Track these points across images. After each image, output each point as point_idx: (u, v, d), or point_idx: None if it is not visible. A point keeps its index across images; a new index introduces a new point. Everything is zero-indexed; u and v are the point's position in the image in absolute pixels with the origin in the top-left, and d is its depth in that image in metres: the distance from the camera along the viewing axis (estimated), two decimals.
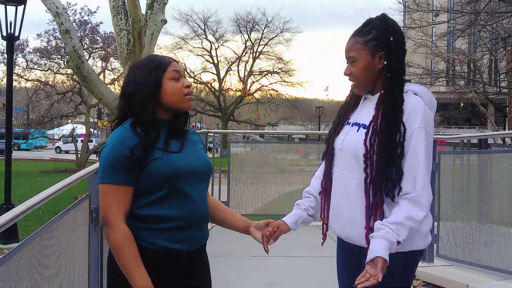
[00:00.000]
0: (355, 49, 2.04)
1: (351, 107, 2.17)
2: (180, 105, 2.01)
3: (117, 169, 1.88)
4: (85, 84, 8.53)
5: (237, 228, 2.25)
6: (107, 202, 1.89)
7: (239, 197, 7.47)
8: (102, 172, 1.91)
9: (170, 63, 2.01)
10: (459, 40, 20.98)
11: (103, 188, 1.91)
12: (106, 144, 1.95)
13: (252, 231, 2.19)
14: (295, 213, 2.25)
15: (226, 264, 5.25)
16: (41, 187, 12.41)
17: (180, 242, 1.94)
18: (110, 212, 1.88)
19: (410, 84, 2.07)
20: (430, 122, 1.99)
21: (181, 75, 2.03)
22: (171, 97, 1.98)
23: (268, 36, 42.99)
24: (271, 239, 2.15)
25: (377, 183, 1.94)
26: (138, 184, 1.91)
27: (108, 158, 1.90)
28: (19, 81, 27.38)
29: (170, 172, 1.91)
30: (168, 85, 1.98)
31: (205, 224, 2.07)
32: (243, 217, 2.29)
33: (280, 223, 2.20)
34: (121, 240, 1.87)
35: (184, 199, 1.95)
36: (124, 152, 1.88)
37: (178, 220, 1.94)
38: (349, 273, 2.17)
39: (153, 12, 8.43)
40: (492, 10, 13.65)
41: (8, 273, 1.85)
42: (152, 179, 1.90)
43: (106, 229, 1.90)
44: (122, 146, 1.89)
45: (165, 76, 1.98)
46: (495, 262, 4.63)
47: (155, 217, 1.92)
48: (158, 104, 1.97)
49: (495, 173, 4.94)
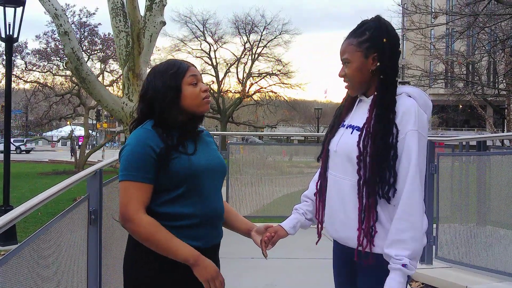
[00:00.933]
0: (348, 50, 2.04)
1: (346, 109, 2.18)
2: (199, 108, 2.06)
3: (137, 167, 1.91)
4: (83, 86, 8.52)
5: (239, 230, 2.29)
6: (127, 198, 1.91)
7: (238, 199, 7.47)
8: (122, 170, 1.94)
9: (189, 68, 2.06)
10: (458, 42, 21.03)
11: (124, 185, 1.93)
12: (126, 144, 1.98)
13: (253, 235, 2.24)
14: (293, 218, 2.27)
15: (226, 265, 5.21)
16: (39, 188, 12.40)
17: (197, 240, 1.97)
18: (130, 207, 1.90)
19: (405, 86, 2.07)
20: (424, 124, 1.98)
21: (199, 79, 2.07)
22: (190, 102, 2.03)
23: (267, 38, 43.11)
24: (269, 244, 2.18)
25: (370, 185, 1.94)
26: (157, 182, 1.95)
27: (129, 156, 1.94)
28: (18, 83, 27.37)
29: (188, 170, 1.95)
30: (187, 90, 2.02)
31: (220, 222, 2.12)
32: (245, 220, 2.32)
33: (278, 228, 2.22)
34: (148, 229, 1.89)
35: (201, 197, 1.99)
36: (145, 151, 1.92)
37: (195, 217, 1.97)
38: (345, 275, 2.17)
39: (152, 14, 8.43)
40: (491, 12, 13.69)
41: (6, 274, 1.85)
42: (172, 177, 1.94)
43: (129, 226, 1.92)
44: (143, 145, 1.93)
45: (184, 81, 2.03)
46: (494, 264, 4.63)
47: (173, 215, 1.95)
48: (178, 109, 2.02)
49: (493, 175, 4.94)
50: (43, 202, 2.36)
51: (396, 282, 1.89)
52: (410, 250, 1.88)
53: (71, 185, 2.80)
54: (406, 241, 1.89)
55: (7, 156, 8.51)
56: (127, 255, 2.04)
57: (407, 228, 1.89)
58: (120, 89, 22.35)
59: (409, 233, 1.89)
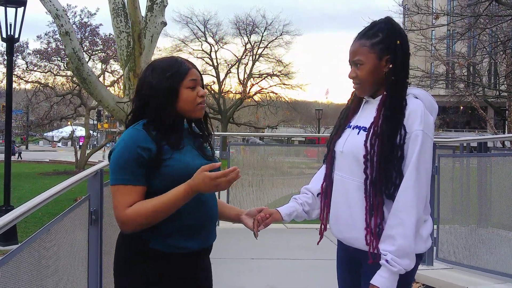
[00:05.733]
0: (361, 52, 2.02)
1: (352, 110, 2.17)
2: (191, 114, 2.02)
3: (127, 170, 1.87)
4: (84, 86, 8.53)
5: (228, 217, 2.24)
6: (117, 203, 1.89)
7: (238, 199, 7.47)
8: (112, 173, 1.91)
9: (189, 70, 1.99)
10: (459, 43, 21.01)
11: (114, 189, 1.90)
12: (116, 146, 1.94)
13: (244, 218, 2.17)
14: (290, 206, 2.25)
15: (226, 265, 5.24)
16: (40, 189, 12.41)
17: (189, 241, 1.95)
18: (122, 213, 1.87)
19: (412, 88, 2.06)
20: (430, 125, 1.98)
21: (198, 83, 2.01)
22: (184, 105, 1.98)
23: (267, 39, 43.17)
24: (261, 225, 2.12)
25: (377, 185, 1.94)
26: (151, 184, 1.91)
27: (118, 160, 1.90)
28: (19, 83, 27.41)
29: (183, 173, 1.91)
30: (184, 93, 1.97)
31: (214, 224, 2.08)
32: (234, 207, 2.31)
33: (274, 211, 2.19)
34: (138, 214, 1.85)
35: (196, 198, 1.94)
36: (134, 153, 1.87)
37: (189, 219, 1.94)
38: (349, 276, 2.17)
39: (153, 14, 8.43)
40: (492, 13, 13.68)
41: (7, 275, 1.85)
42: (165, 179, 1.90)
43: (124, 228, 1.90)
44: (132, 147, 1.88)
45: (183, 84, 1.97)
46: (495, 265, 4.63)
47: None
48: (173, 111, 1.97)
49: (494, 176, 4.93)
50: (44, 202, 2.35)
51: (379, 276, 1.90)
52: (395, 246, 1.88)
53: (72, 185, 2.79)
54: (393, 236, 1.89)
55: (7, 156, 8.51)
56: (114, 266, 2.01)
57: (396, 224, 1.90)
58: (121, 90, 22.36)
59: (397, 229, 1.89)
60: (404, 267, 1.89)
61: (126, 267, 1.95)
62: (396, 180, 1.92)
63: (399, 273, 1.89)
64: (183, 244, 1.93)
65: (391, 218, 1.91)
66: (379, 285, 1.89)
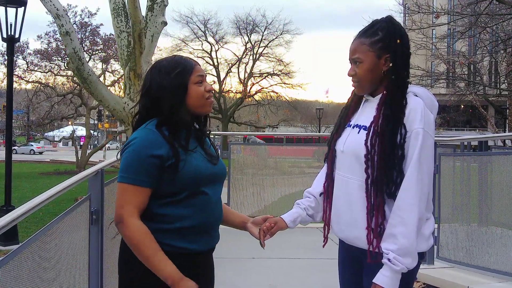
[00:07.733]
0: (360, 50, 2.02)
1: (352, 109, 2.17)
2: (202, 109, 2.03)
3: (138, 170, 1.88)
4: (85, 86, 8.52)
5: (233, 223, 2.26)
6: (123, 201, 1.89)
7: (239, 199, 7.46)
8: (122, 171, 1.91)
9: (195, 66, 2.02)
10: (459, 42, 20.98)
11: (121, 187, 1.90)
12: (129, 144, 1.93)
13: (249, 227, 2.21)
14: (294, 212, 2.25)
15: (227, 265, 5.24)
16: (41, 188, 12.42)
17: (193, 242, 1.95)
18: (124, 210, 1.87)
19: (412, 86, 2.06)
20: (430, 123, 1.97)
21: (204, 79, 2.03)
22: (194, 101, 1.99)
23: (268, 38, 43.13)
24: (267, 234, 2.16)
25: (378, 184, 1.94)
26: (159, 186, 1.91)
27: (130, 158, 1.90)
28: (20, 83, 27.42)
29: (193, 175, 1.92)
30: (192, 89, 1.99)
31: (217, 226, 2.09)
32: (240, 214, 2.32)
33: (278, 219, 2.21)
34: (137, 236, 1.86)
35: (203, 200, 1.96)
36: (147, 154, 1.87)
37: (194, 221, 1.94)
38: (350, 275, 2.17)
39: (153, 14, 8.42)
40: (492, 12, 13.67)
41: (7, 275, 1.85)
42: (175, 183, 1.90)
43: (120, 227, 1.89)
44: (146, 147, 1.88)
45: (191, 80, 1.99)
46: (496, 264, 4.62)
47: (171, 217, 1.92)
48: (185, 109, 1.98)
49: (495, 175, 4.93)
50: (45, 202, 2.35)
51: (381, 275, 1.90)
52: (397, 245, 1.88)
53: (73, 185, 2.80)
54: (395, 235, 1.89)
55: (8, 156, 8.52)
56: (120, 255, 2.02)
57: (398, 223, 1.90)
58: (121, 89, 22.36)
59: (399, 228, 1.89)
60: (407, 266, 1.89)
61: (130, 267, 1.95)
62: (397, 179, 1.92)
63: (401, 271, 1.89)
64: (187, 246, 1.94)
65: (393, 217, 1.91)
66: (382, 284, 1.89)
